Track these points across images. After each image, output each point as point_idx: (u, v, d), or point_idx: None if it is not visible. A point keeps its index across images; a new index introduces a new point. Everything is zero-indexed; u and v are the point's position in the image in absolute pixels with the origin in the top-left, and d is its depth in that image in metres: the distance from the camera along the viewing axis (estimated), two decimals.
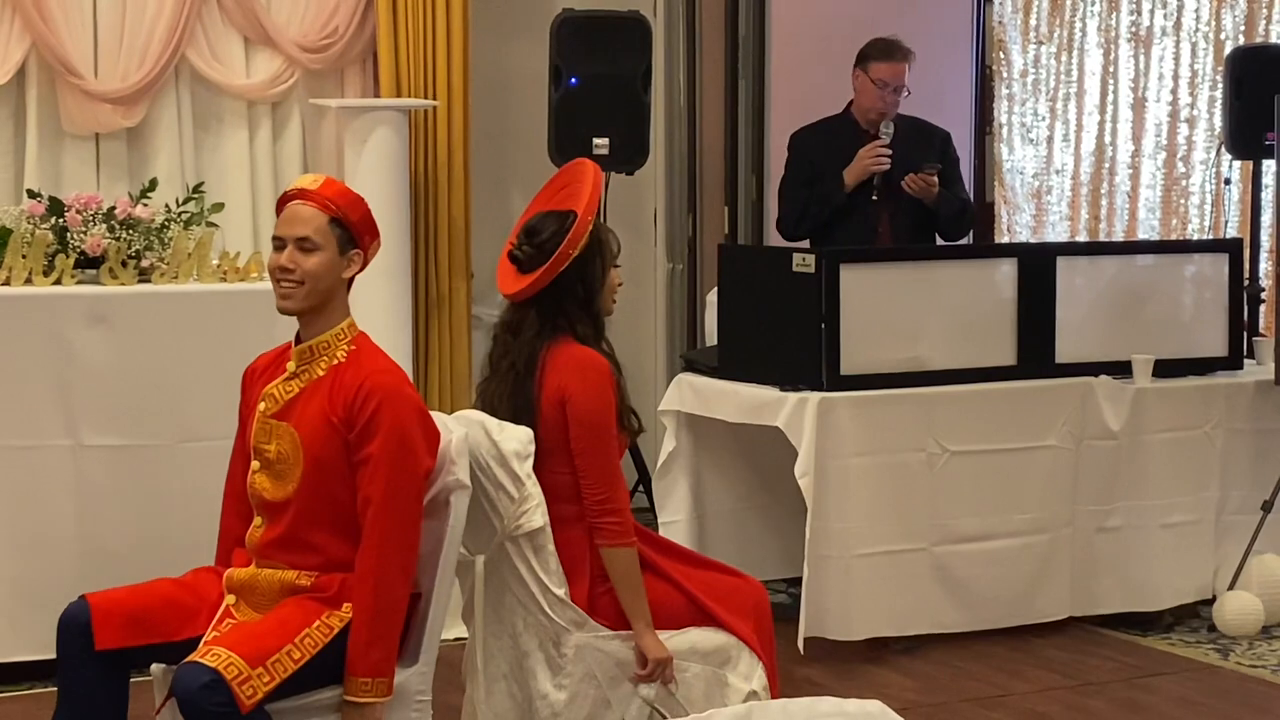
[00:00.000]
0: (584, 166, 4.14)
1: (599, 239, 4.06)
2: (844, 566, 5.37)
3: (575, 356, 3.98)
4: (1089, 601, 5.78)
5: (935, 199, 6.16)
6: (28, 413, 5.05)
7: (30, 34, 6.09)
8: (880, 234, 6.19)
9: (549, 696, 3.90)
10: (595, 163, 4.20)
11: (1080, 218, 7.64)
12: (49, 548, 5.08)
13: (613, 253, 4.11)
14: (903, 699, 5.01)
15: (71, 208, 5.21)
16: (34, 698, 4.98)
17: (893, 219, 6.19)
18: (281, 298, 3.67)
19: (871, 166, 6.12)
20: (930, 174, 6.10)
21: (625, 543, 3.92)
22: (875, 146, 6.12)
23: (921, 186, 6.11)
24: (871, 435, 5.41)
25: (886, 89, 6.16)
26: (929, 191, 6.12)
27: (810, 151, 6.30)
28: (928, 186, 6.11)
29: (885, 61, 6.17)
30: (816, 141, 6.31)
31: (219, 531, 3.84)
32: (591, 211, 4.02)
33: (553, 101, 6.58)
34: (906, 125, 6.25)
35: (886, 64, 6.16)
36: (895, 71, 6.16)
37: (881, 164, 6.11)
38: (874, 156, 6.11)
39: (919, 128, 6.31)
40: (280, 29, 6.47)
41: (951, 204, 6.23)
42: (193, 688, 3.34)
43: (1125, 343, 5.83)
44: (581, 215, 3.98)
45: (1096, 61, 7.55)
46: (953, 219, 6.28)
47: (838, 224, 6.17)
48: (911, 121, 6.30)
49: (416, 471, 3.59)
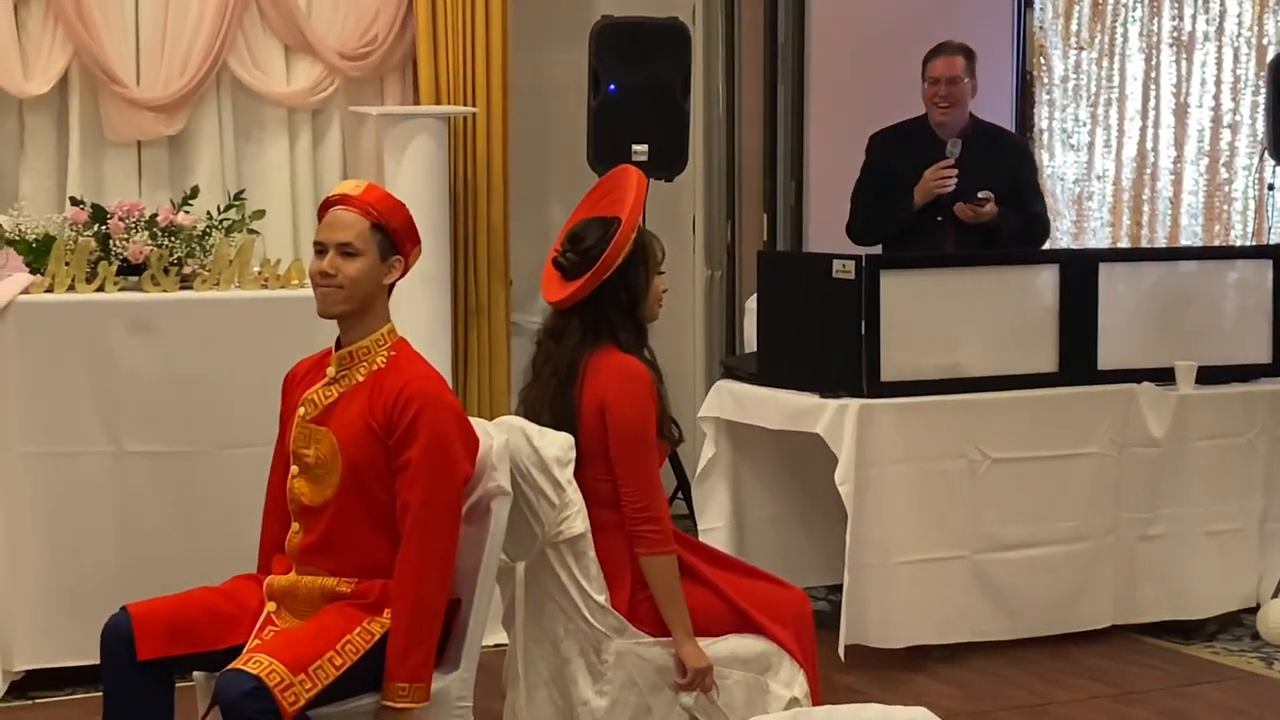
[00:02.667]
0: (628, 173, 4.14)
1: (643, 245, 4.05)
2: (885, 574, 5.35)
3: (616, 365, 3.97)
4: (1131, 610, 5.75)
5: (994, 219, 6.13)
6: (70, 419, 5.07)
7: (73, 42, 6.12)
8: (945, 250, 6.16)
9: (590, 703, 3.89)
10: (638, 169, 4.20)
11: (1122, 224, 7.61)
12: (90, 554, 5.10)
13: (657, 259, 4.10)
14: (944, 707, 4.98)
15: (114, 215, 5.23)
16: (76, 703, 5.00)
17: (959, 236, 6.16)
18: (322, 302, 3.68)
19: (936, 189, 6.11)
20: (980, 204, 6.07)
21: (664, 551, 3.92)
22: (940, 169, 6.10)
23: (971, 216, 6.10)
24: (912, 442, 5.39)
25: (939, 84, 6.17)
26: (981, 218, 6.10)
27: (883, 155, 6.30)
28: (977, 216, 6.09)
29: (935, 59, 6.21)
30: (891, 145, 6.31)
31: (260, 537, 3.85)
32: (635, 218, 4.01)
33: (592, 108, 6.58)
34: (981, 137, 6.23)
35: (936, 60, 6.20)
36: (945, 65, 6.18)
37: (946, 186, 6.10)
38: (938, 179, 6.10)
39: (994, 138, 6.31)
40: (320, 37, 6.50)
41: (1013, 222, 6.18)
42: (235, 695, 3.35)
43: (1168, 349, 5.80)
44: (625, 222, 3.98)
45: (1138, 67, 7.52)
46: (1015, 237, 6.21)
47: (906, 239, 6.17)
48: (988, 131, 6.30)
49: (455, 478, 3.59)
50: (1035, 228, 6.33)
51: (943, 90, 6.18)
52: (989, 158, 6.21)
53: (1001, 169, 6.21)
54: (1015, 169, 6.28)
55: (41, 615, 5.06)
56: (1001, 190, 6.13)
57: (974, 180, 6.10)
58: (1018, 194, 6.22)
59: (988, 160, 6.19)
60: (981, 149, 6.20)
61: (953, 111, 6.18)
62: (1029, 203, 6.30)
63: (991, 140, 6.29)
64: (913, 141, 6.25)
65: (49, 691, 5.10)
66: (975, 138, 6.21)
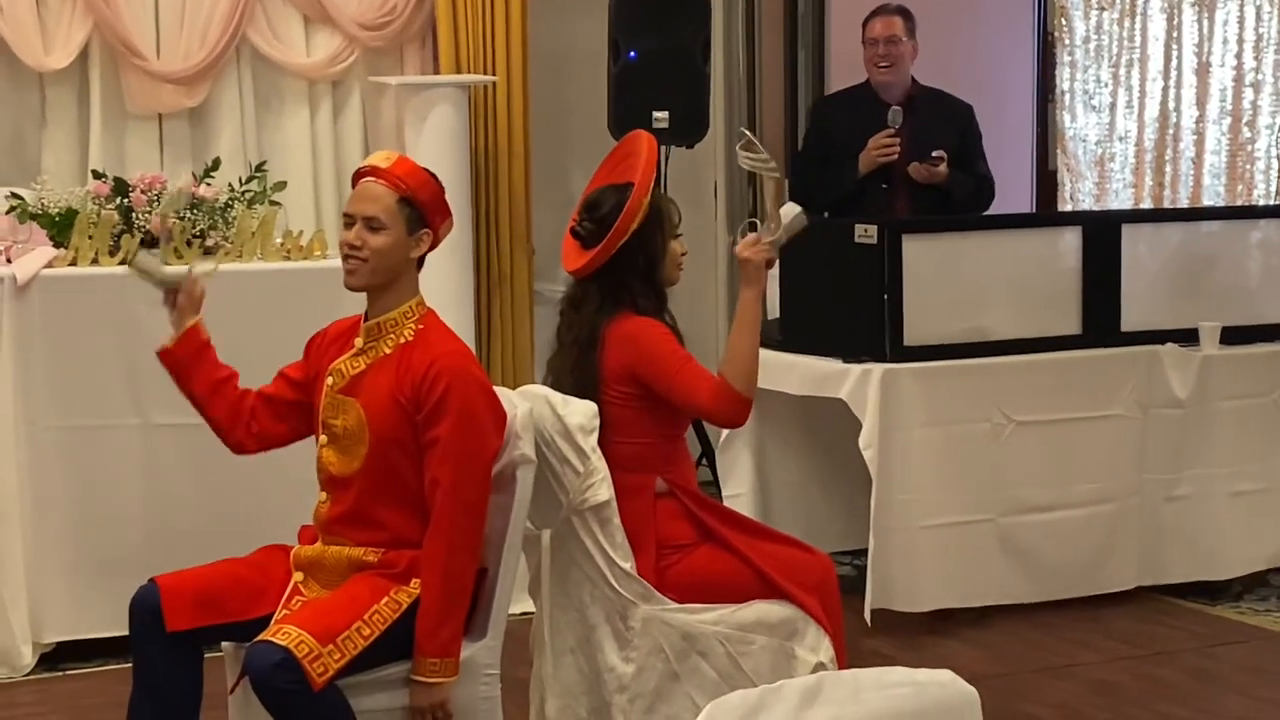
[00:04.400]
0: (639, 138, 4.14)
1: (658, 209, 4.06)
2: (909, 538, 5.36)
3: (634, 325, 4.00)
4: (1157, 571, 5.75)
5: (946, 182, 6.10)
6: (96, 392, 5.10)
7: (92, 16, 6.13)
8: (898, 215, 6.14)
9: (616, 669, 3.90)
10: (650, 133, 4.20)
11: (1144, 185, 7.58)
12: (118, 526, 5.13)
13: (674, 223, 4.11)
14: (970, 670, 4.95)
15: (136, 188, 5.25)
16: (106, 674, 5.03)
17: (911, 202, 6.14)
18: (348, 274, 3.68)
19: (879, 158, 6.07)
20: (935, 164, 6.04)
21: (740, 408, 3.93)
22: (881, 137, 6.05)
23: (925, 176, 6.07)
24: (936, 406, 5.39)
25: (876, 44, 6.15)
26: (935, 179, 6.08)
27: (826, 122, 6.31)
28: (931, 175, 6.07)
29: (872, 19, 6.20)
30: (834, 112, 6.34)
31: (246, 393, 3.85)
32: (647, 182, 4.01)
33: (612, 75, 6.57)
34: (926, 101, 6.21)
35: (874, 20, 6.19)
36: (883, 26, 6.17)
37: (890, 154, 6.05)
38: (881, 148, 6.06)
39: (940, 103, 6.27)
40: (340, 7, 6.49)
41: (965, 185, 6.16)
42: (265, 667, 3.36)
43: (1191, 310, 5.78)
44: (637, 187, 3.98)
45: (1160, 26, 7.48)
46: (967, 200, 6.20)
47: (854, 207, 6.13)
48: (933, 96, 6.26)
49: (484, 453, 3.60)
50: (984, 190, 6.31)
51: (881, 50, 6.15)
52: (936, 121, 6.18)
53: (949, 131, 6.19)
54: (963, 131, 6.26)
55: (71, 588, 5.09)
56: (949, 153, 6.11)
57: (922, 144, 6.07)
58: (965, 156, 6.19)
59: (935, 123, 6.17)
60: (927, 112, 6.18)
61: (892, 72, 6.16)
62: (975, 164, 6.28)
63: (936, 103, 6.27)
64: (857, 108, 6.22)
65: (79, 663, 5.13)
66: (920, 102, 6.19)
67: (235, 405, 3.82)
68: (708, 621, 3.93)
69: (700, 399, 3.92)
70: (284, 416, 3.82)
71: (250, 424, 3.82)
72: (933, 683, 2.41)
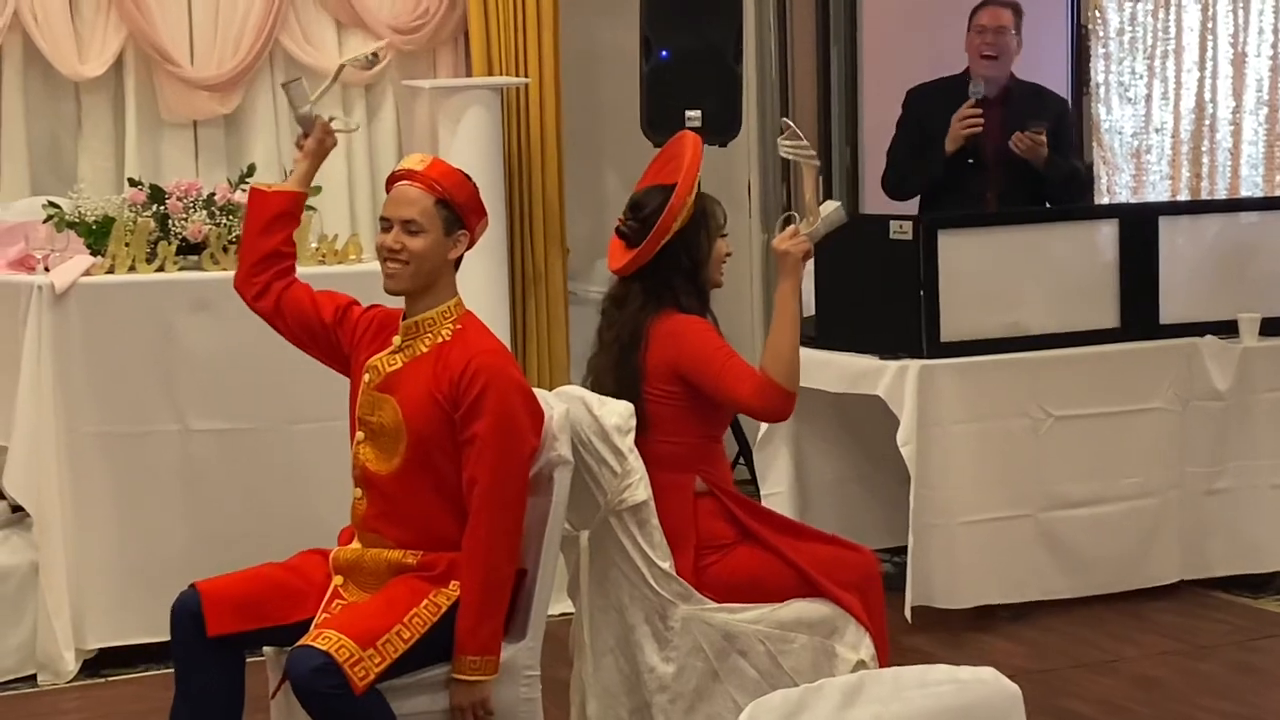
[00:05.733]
0: (684, 138, 4.16)
1: (703, 209, 4.06)
2: (949, 534, 5.34)
3: (676, 323, 4.00)
4: (1199, 564, 5.72)
5: (1044, 162, 6.01)
6: (135, 399, 5.12)
7: (127, 24, 6.16)
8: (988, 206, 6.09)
9: (656, 669, 3.90)
10: (696, 134, 4.20)
11: (1181, 176, 7.53)
12: (159, 532, 5.15)
13: (718, 223, 4.11)
14: (1012, 666, 4.97)
15: (172, 195, 5.26)
16: (148, 679, 5.05)
17: (1002, 187, 6.07)
18: (388, 277, 3.70)
19: (963, 132, 5.97)
20: (1038, 132, 5.96)
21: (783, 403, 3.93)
22: (964, 110, 5.97)
23: (1029, 145, 5.94)
24: (974, 402, 5.37)
25: (985, 32, 6.08)
26: (1037, 151, 5.96)
27: (920, 111, 6.20)
28: (1035, 146, 5.95)
29: (982, 9, 6.13)
30: (928, 101, 6.19)
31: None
32: (691, 182, 4.01)
33: (644, 75, 6.56)
34: (1023, 91, 6.15)
35: (984, 10, 6.12)
36: (992, 15, 6.09)
37: (973, 127, 5.96)
38: (963, 120, 5.97)
39: (1035, 94, 6.22)
40: (372, 11, 6.51)
41: (1060, 168, 6.07)
42: (306, 671, 3.37)
43: (1230, 301, 5.75)
44: (680, 186, 3.98)
45: (1194, 17, 7.43)
46: (1062, 185, 6.10)
47: (945, 193, 6.08)
48: (1029, 88, 6.21)
49: (522, 452, 3.60)
50: (1077, 179, 6.26)
51: (989, 39, 6.07)
52: (1032, 106, 6.13)
53: (1046, 117, 6.14)
54: (1058, 122, 6.20)
55: (112, 594, 5.12)
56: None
57: (1016, 127, 5.99)
58: (1059, 149, 6.13)
59: (1031, 109, 6.11)
60: (1022, 104, 6.12)
61: (996, 65, 6.09)
62: (1067, 153, 6.23)
63: (1033, 95, 6.22)
64: (951, 97, 6.12)
65: (121, 669, 5.15)
66: (1016, 94, 6.13)
67: (271, 278, 3.83)
68: (748, 620, 3.93)
69: (744, 394, 3.92)
70: (304, 313, 3.82)
71: (280, 294, 3.84)
72: (975, 680, 2.41)
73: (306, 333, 3.83)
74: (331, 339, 3.80)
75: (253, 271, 3.84)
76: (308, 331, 3.82)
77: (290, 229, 3.87)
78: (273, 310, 3.83)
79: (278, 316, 3.84)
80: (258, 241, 3.84)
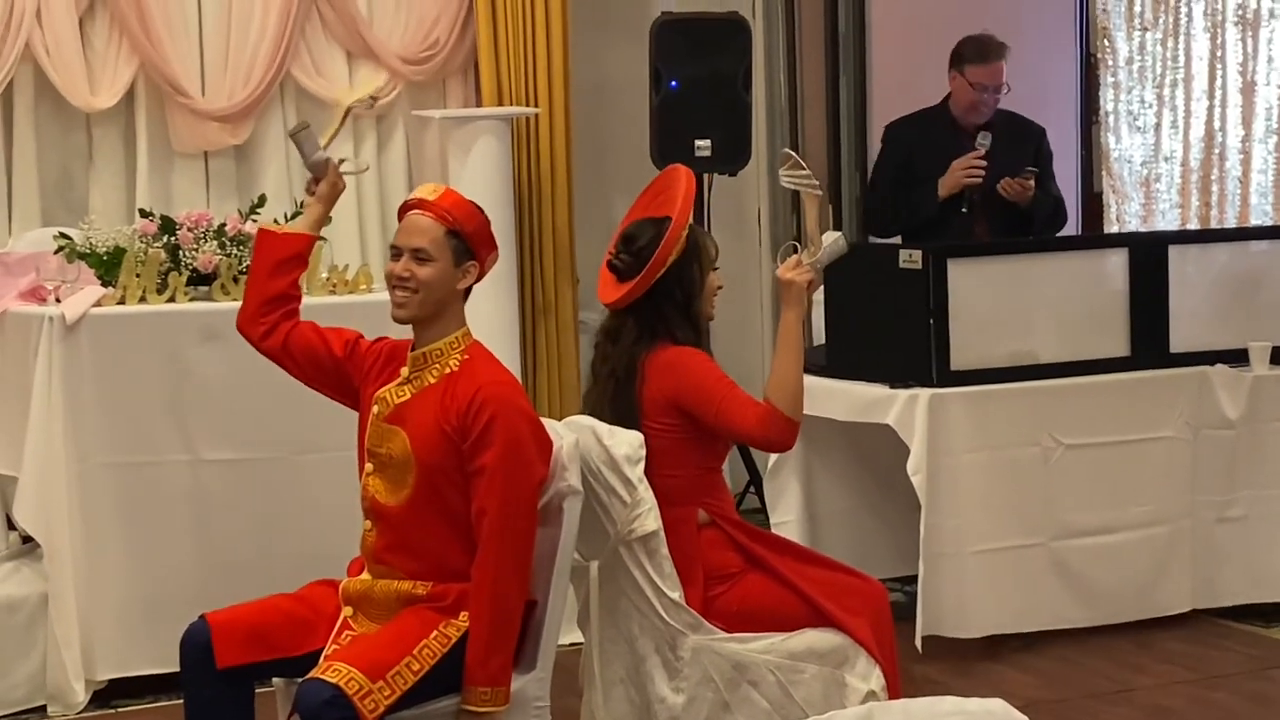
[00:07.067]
0: (676, 172, 4.16)
1: (696, 243, 4.06)
2: (960, 564, 5.33)
3: (673, 354, 4.00)
4: (1211, 593, 5.70)
5: (1029, 201, 6.05)
6: (146, 429, 5.12)
7: (138, 55, 6.18)
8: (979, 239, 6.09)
9: (667, 700, 3.90)
10: (689, 167, 4.21)
11: (1191, 205, 7.54)
12: (168, 562, 5.15)
13: (711, 256, 4.11)
14: (1024, 696, 4.96)
15: (183, 226, 5.27)
16: (158, 710, 5.04)
17: (990, 228, 6.08)
18: (396, 306, 3.71)
19: (965, 180, 5.99)
20: (1026, 179, 5.99)
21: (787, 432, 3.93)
22: (970, 159, 5.98)
23: (1018, 191, 5.99)
24: (984, 430, 5.37)
25: (986, 91, 6.04)
26: (1025, 196, 6.01)
27: (904, 144, 6.21)
28: (1024, 191, 6.00)
29: (982, 64, 6.03)
30: (911, 134, 6.20)
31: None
32: (685, 216, 4.02)
33: (654, 105, 6.58)
34: (1002, 122, 6.13)
35: (984, 66, 6.02)
36: (993, 72, 6.03)
37: (975, 178, 5.98)
38: (967, 169, 5.98)
39: (1015, 124, 6.20)
40: (382, 42, 6.53)
41: (1045, 205, 6.12)
42: (316, 704, 3.37)
43: (1241, 330, 5.74)
44: (675, 220, 3.99)
45: (1204, 46, 7.45)
46: (1047, 221, 6.15)
47: (931, 231, 6.07)
48: (1007, 117, 6.18)
49: (530, 482, 3.60)
50: (1060, 212, 6.27)
51: (990, 100, 6.05)
52: (1014, 144, 6.12)
53: (1025, 153, 6.14)
54: (1037, 152, 6.20)
55: (122, 625, 5.11)
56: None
57: (1001, 166, 6.01)
58: (1039, 178, 6.13)
59: (1015, 142, 6.12)
60: (1003, 134, 6.11)
61: (989, 114, 6.09)
62: (1050, 187, 6.24)
63: (1015, 126, 6.20)
64: (933, 131, 6.14)
65: (131, 700, 5.15)
66: (998, 124, 6.11)
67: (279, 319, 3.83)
68: (758, 650, 3.92)
69: (748, 425, 3.91)
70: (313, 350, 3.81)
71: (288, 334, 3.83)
72: (984, 712, 2.40)
73: (316, 369, 3.83)
74: (342, 373, 3.81)
75: (260, 312, 3.84)
76: (317, 368, 3.83)
77: (299, 272, 3.88)
78: (280, 349, 3.83)
79: (286, 355, 3.84)
80: (266, 283, 3.85)
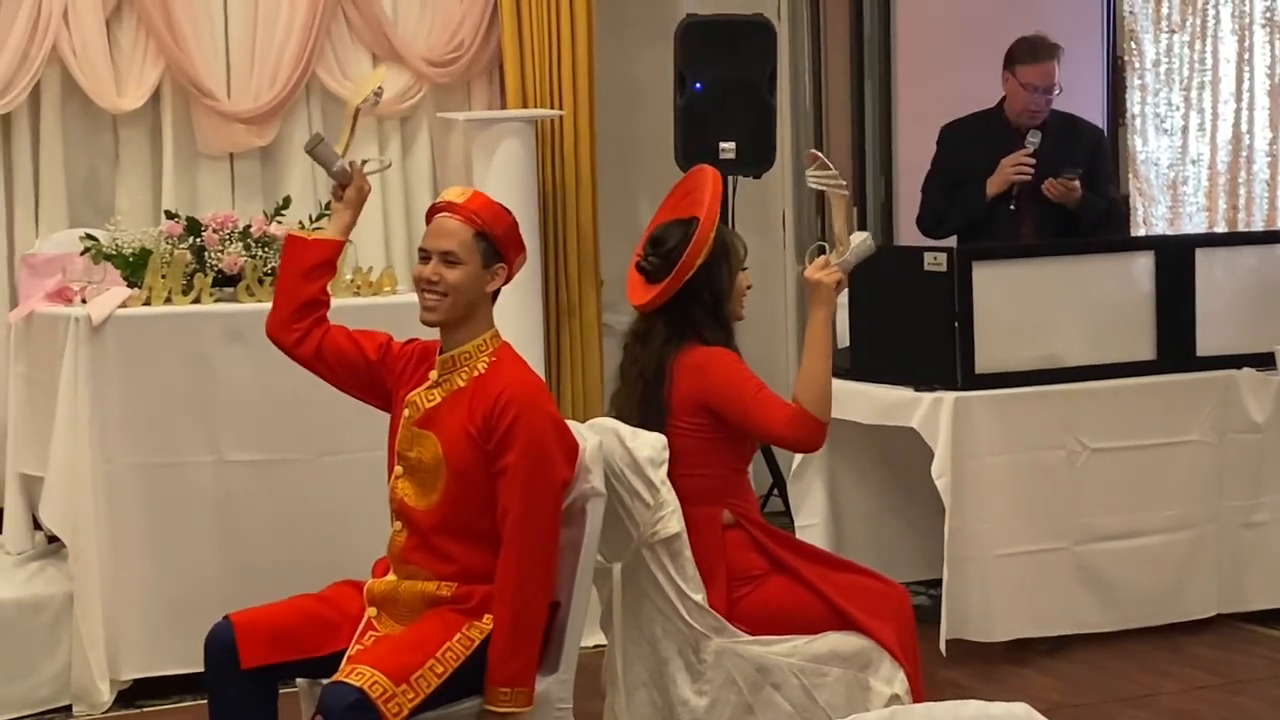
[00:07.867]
0: (704, 172, 4.15)
1: (724, 243, 4.06)
2: (984, 567, 5.31)
3: (702, 355, 4.00)
4: (1237, 598, 5.68)
5: (1078, 203, 6.02)
6: (170, 430, 5.14)
7: (164, 57, 6.19)
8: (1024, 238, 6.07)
9: (690, 703, 3.89)
10: (715, 168, 4.20)
11: (1218, 208, 7.50)
12: (193, 563, 5.16)
13: (739, 256, 4.11)
14: (1048, 700, 4.95)
15: (208, 227, 5.29)
16: (183, 710, 5.06)
17: (1036, 228, 6.06)
18: (425, 309, 3.71)
19: (1013, 177, 5.97)
20: (1070, 179, 5.96)
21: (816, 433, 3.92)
22: (1019, 157, 5.97)
23: (1061, 192, 5.96)
24: (1009, 434, 5.35)
25: (1037, 91, 6.01)
26: (1070, 197, 5.98)
27: (957, 148, 6.18)
28: (1068, 192, 5.97)
29: (1033, 64, 6.00)
30: (965, 138, 6.17)
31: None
32: (713, 217, 4.02)
33: (678, 107, 6.58)
34: (1056, 124, 6.10)
35: (1035, 66, 6.00)
36: (1044, 73, 6.00)
37: (1024, 175, 5.96)
38: (1016, 166, 5.97)
39: (1069, 126, 6.17)
40: (407, 44, 6.53)
41: (1095, 207, 6.07)
42: (340, 708, 3.37)
43: (1268, 334, 5.72)
44: (703, 221, 3.99)
45: (1231, 49, 7.41)
46: (1095, 222, 6.10)
47: (979, 231, 6.06)
48: (1063, 119, 6.16)
49: (554, 482, 3.60)
50: (1114, 215, 6.23)
51: (1041, 101, 6.02)
52: (1066, 144, 6.10)
53: (1080, 154, 6.11)
54: (1093, 154, 6.18)
55: (147, 625, 5.12)
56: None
57: (1053, 167, 5.98)
58: (1094, 180, 6.11)
59: (1065, 147, 6.09)
60: (1058, 135, 6.09)
61: (1042, 114, 6.07)
62: (1105, 189, 6.21)
63: (1069, 127, 6.17)
64: (986, 133, 6.12)
65: (156, 700, 5.16)
66: (1051, 125, 6.08)
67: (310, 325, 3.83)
68: (781, 653, 3.92)
69: (777, 426, 3.91)
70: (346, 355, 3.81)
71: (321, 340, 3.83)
72: (1007, 716, 2.39)
73: (350, 374, 3.83)
74: (375, 376, 3.81)
75: (291, 318, 3.83)
76: (351, 372, 3.82)
77: (328, 278, 3.88)
78: (313, 355, 3.83)
79: (319, 361, 3.84)
80: (296, 289, 3.84)
